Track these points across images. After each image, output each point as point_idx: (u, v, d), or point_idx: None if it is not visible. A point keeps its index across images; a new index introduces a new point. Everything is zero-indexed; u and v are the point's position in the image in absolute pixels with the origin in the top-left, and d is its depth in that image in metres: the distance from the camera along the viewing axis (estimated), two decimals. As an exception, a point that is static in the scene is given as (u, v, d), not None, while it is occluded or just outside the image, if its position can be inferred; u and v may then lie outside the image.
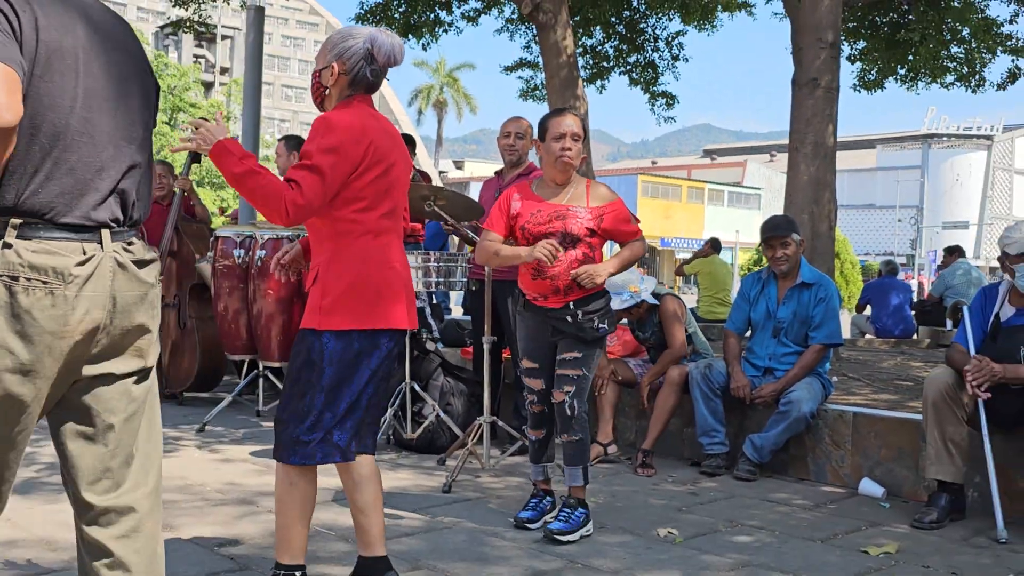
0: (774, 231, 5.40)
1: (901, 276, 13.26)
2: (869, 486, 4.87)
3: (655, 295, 5.56)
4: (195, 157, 7.50)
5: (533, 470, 4.33)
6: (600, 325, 4.04)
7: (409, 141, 8.37)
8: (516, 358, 4.96)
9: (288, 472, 3.05)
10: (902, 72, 12.23)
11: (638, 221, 4.21)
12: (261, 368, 6.57)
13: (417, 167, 7.82)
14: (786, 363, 5.33)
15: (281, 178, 2.95)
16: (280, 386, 6.55)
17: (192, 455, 5.45)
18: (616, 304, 5.42)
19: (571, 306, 4.01)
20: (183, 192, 7.18)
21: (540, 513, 4.19)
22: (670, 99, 13.17)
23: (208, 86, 58.67)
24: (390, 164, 3.07)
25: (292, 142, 6.86)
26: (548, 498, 4.27)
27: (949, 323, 11.65)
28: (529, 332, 4.17)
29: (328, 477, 4.93)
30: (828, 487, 5.03)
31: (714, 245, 13.21)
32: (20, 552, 3.57)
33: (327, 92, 3.13)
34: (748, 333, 5.66)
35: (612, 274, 4.03)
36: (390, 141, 3.10)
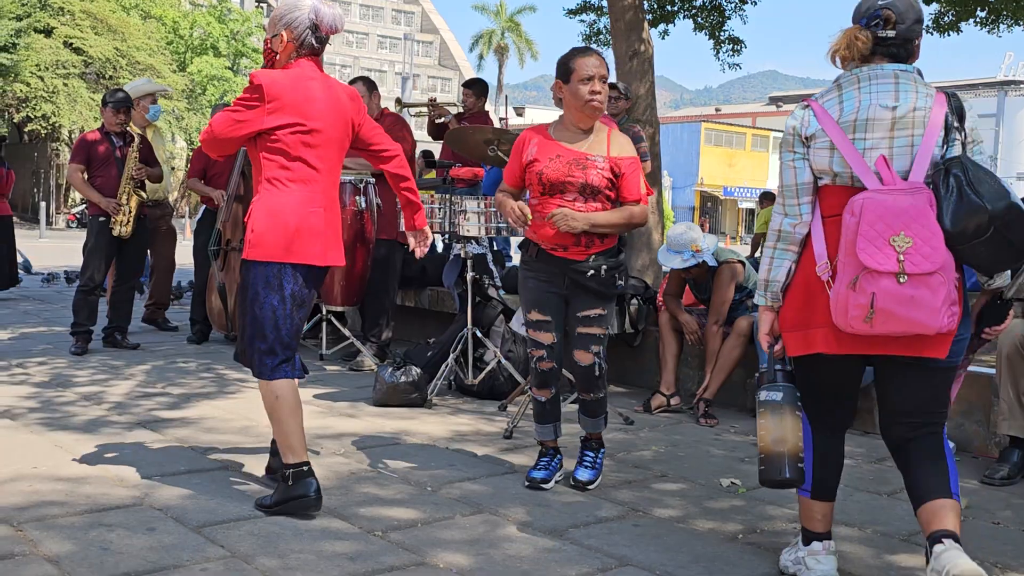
0: None
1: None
2: (937, 440, 4.77)
3: (716, 259, 5.47)
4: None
5: (539, 430, 4.03)
6: (619, 281, 3.87)
7: (480, 84, 8.30)
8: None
9: (266, 387, 3.51)
10: (982, 14, 11.77)
11: (649, 193, 3.94)
12: (324, 312, 6.63)
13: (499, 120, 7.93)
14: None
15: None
16: (343, 331, 6.62)
17: (256, 398, 5.51)
18: (677, 263, 5.36)
19: (592, 259, 3.77)
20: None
21: (553, 472, 3.96)
22: (737, 44, 12.86)
23: (271, 31, 58.78)
24: (317, 122, 3.48)
25: (367, 83, 6.76)
26: (559, 456, 4.04)
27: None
28: (541, 283, 3.87)
29: (390, 420, 4.98)
30: (894, 440, 4.94)
31: (770, 198, 13.04)
32: (90, 488, 3.65)
33: (277, 56, 3.56)
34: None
35: (593, 226, 3.70)
36: (322, 103, 3.51)
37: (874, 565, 3.18)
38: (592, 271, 3.77)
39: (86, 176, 6.88)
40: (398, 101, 8.97)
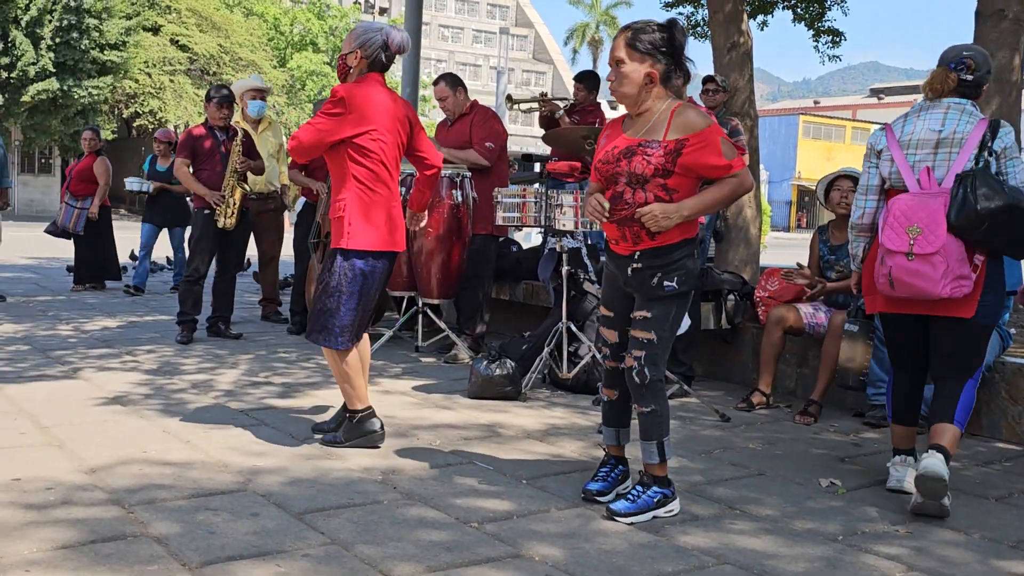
0: None
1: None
2: (1049, 444, 4.62)
3: None
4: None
5: (604, 432, 3.79)
6: (667, 283, 3.45)
7: (591, 77, 8.29)
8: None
9: (339, 355, 4.17)
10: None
11: (741, 152, 3.64)
12: (420, 304, 6.70)
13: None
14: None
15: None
16: (439, 323, 6.68)
17: (354, 387, 5.61)
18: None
19: (635, 256, 3.49)
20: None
21: (612, 484, 3.67)
22: (836, 36, 12.55)
23: (368, 27, 59.44)
24: (387, 129, 4.10)
25: (451, 79, 6.86)
26: (620, 466, 3.74)
27: None
28: (608, 278, 3.70)
29: (484, 412, 5.00)
30: (1002, 444, 4.79)
31: None
32: (196, 473, 3.77)
33: (350, 70, 4.14)
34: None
35: (687, 217, 3.41)
36: (390, 113, 4.13)
37: (981, 571, 3.08)
38: (631, 267, 3.51)
39: (191, 170, 7.09)
40: (509, 98, 9.02)
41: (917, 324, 3.85)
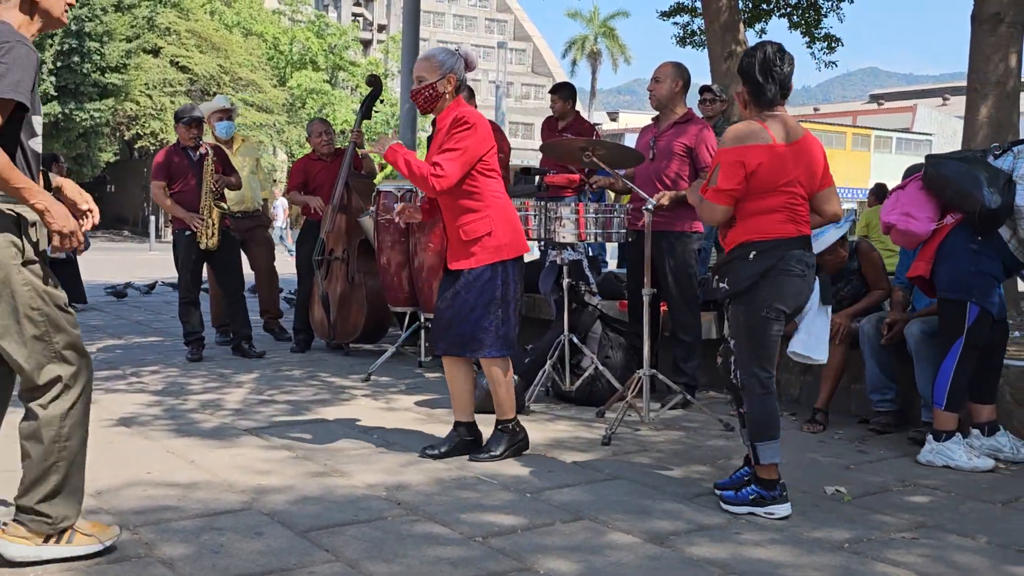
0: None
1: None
2: (1055, 447, 4.61)
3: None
4: (366, 114, 7.69)
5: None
6: (720, 284, 3.69)
7: (567, 87, 8.30)
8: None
9: (497, 362, 4.32)
10: None
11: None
12: (423, 320, 6.70)
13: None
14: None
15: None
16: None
17: (360, 404, 5.62)
18: (832, 235, 5.01)
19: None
20: (355, 146, 7.38)
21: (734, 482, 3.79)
22: (833, 42, 12.58)
23: (366, 44, 59.90)
24: (495, 143, 4.33)
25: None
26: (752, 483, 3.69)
27: None
28: None
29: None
30: (1009, 447, 4.77)
31: (878, 194, 12.64)
32: (201, 493, 3.77)
33: (443, 95, 4.26)
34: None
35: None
36: (489, 126, 4.37)
37: (990, 576, 3.07)
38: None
39: (168, 193, 7.10)
40: (540, 187, 8.32)
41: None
